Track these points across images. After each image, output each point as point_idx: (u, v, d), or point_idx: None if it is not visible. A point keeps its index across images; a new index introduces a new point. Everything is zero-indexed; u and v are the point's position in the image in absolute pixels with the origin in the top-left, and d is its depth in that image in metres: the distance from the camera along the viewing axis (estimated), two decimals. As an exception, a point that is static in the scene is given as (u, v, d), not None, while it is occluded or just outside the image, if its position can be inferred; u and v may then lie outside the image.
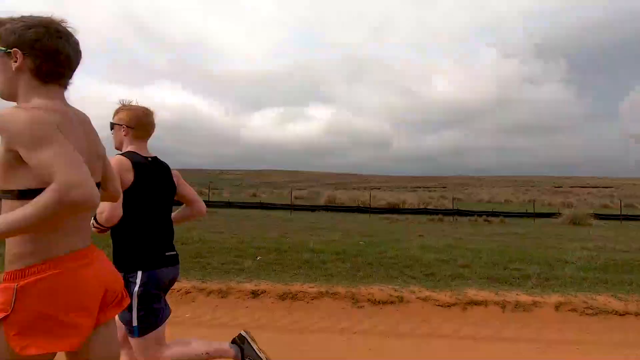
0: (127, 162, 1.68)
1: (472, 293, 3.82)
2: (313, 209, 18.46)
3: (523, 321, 3.44)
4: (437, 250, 6.33)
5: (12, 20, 1.08)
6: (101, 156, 1.24)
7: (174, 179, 1.90)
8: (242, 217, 12.70)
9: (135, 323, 1.65)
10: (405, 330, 3.29)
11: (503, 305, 3.61)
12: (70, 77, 1.17)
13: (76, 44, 1.16)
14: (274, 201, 23.39)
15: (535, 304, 3.62)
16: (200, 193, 28.43)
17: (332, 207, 19.11)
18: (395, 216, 15.48)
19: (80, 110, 1.21)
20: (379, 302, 3.67)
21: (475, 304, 3.64)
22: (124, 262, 1.69)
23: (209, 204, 18.78)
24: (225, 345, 1.89)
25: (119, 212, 1.56)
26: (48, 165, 0.91)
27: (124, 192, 1.59)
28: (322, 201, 22.61)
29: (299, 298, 3.73)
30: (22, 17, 1.09)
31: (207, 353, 1.83)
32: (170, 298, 3.71)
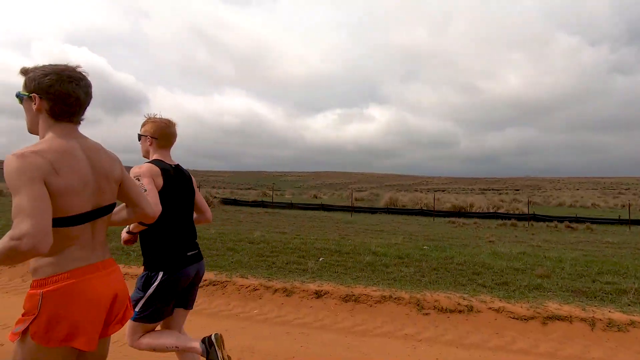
0: (156, 169, 1.85)
1: (554, 307, 3.48)
2: (373, 211, 18.25)
3: (617, 342, 3.04)
4: (511, 258, 5.87)
5: (34, 69, 1.30)
6: (114, 178, 1.39)
7: (194, 185, 2.07)
8: (304, 218, 13.00)
9: (137, 309, 1.83)
10: (475, 341, 3.10)
11: (592, 323, 3.23)
12: (81, 114, 1.36)
13: (87, 86, 1.35)
14: (334, 202, 23.59)
15: (633, 323, 3.19)
16: (264, 194, 29.73)
17: (393, 210, 18.70)
18: (461, 220, 14.66)
19: (92, 140, 1.39)
20: (445, 309, 3.52)
21: (558, 319, 3.30)
22: (149, 262, 1.86)
23: (272, 204, 19.42)
24: (196, 343, 1.92)
25: (158, 208, 1.67)
26: (14, 213, 1.10)
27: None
28: (382, 203, 22.26)
29: (362, 301, 3.71)
30: (43, 66, 1.31)
31: (176, 347, 1.92)
32: (238, 294, 3.95)
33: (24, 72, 1.33)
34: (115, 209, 1.48)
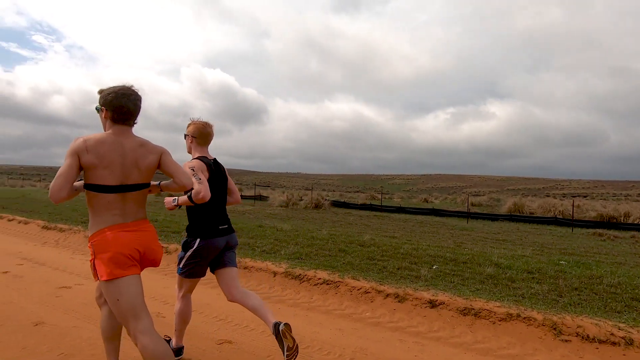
0: (203, 164, 2.40)
1: None
2: (494, 217, 16.44)
3: None
4: (690, 284, 4.59)
5: (103, 90, 1.94)
6: (144, 165, 1.93)
7: (227, 175, 2.60)
8: (415, 223, 12.55)
9: (180, 266, 2.44)
10: (637, 383, 2.52)
11: None
12: (133, 119, 1.96)
13: (135, 100, 1.94)
14: (447, 207, 22.11)
15: None
16: (373, 197, 29.74)
17: (518, 217, 16.50)
18: (611, 232, 12.07)
19: (139, 138, 1.96)
20: (593, 339, 2.96)
21: None
22: (191, 230, 2.44)
23: (381, 208, 19.26)
24: (272, 320, 2.31)
25: (209, 193, 2.22)
26: None
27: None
28: (504, 209, 19.88)
29: (483, 316, 3.40)
30: (108, 87, 1.94)
31: (255, 310, 2.39)
32: (350, 295, 4.03)
33: (99, 92, 1.97)
34: (165, 182, 2.07)
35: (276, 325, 2.26)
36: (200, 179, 2.22)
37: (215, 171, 2.48)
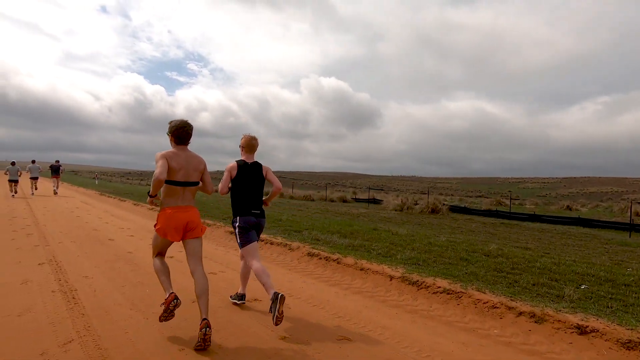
0: (234, 165, 3.48)
1: None
2: (671, 232, 12.85)
3: None
4: None
5: (171, 122, 3.06)
6: (198, 169, 3.07)
7: (263, 172, 3.52)
8: (554, 234, 10.77)
9: (238, 241, 3.41)
10: None
11: None
12: (187, 141, 3.06)
13: (188, 130, 3.03)
14: (599, 217, 18.27)
15: None
16: (499, 203, 26.66)
17: None
18: None
19: (191, 151, 3.09)
20: None
21: None
22: (234, 212, 3.48)
23: (509, 215, 17.13)
24: (272, 290, 3.01)
25: (226, 190, 3.45)
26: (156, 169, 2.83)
27: (232, 179, 3.46)
28: (689, 222, 15.31)
29: (657, 354, 2.71)
30: (172, 120, 3.06)
31: (264, 283, 3.13)
32: (475, 308, 3.71)
33: (169, 123, 3.07)
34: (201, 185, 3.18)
35: (277, 293, 2.90)
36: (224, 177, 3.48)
37: (249, 170, 3.47)
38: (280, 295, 2.86)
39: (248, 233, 3.38)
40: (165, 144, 3.25)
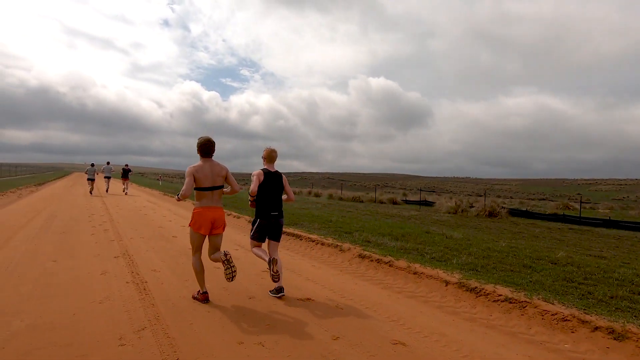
0: (260, 172, 4.05)
1: None
2: None
3: None
4: None
5: (199, 138, 3.78)
6: (222, 175, 3.78)
7: (283, 181, 4.16)
8: (635, 242, 9.63)
9: (251, 234, 4.14)
10: None
11: None
12: (211, 154, 3.78)
13: (212, 144, 3.77)
14: (692, 224, 15.92)
15: None
16: (567, 207, 24.43)
17: None
18: None
19: (215, 161, 3.81)
20: None
21: None
22: (256, 213, 4.10)
23: (579, 220, 15.70)
24: (267, 257, 3.96)
25: (256, 190, 3.96)
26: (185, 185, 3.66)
27: (259, 185, 3.99)
28: None
29: None
30: (200, 137, 3.79)
31: (263, 258, 4.01)
32: (541, 319, 3.46)
33: (198, 139, 3.76)
34: (225, 189, 3.87)
35: (271, 258, 3.85)
36: (252, 181, 4.01)
37: (271, 177, 4.08)
38: (272, 258, 3.86)
39: (260, 235, 4.12)
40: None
